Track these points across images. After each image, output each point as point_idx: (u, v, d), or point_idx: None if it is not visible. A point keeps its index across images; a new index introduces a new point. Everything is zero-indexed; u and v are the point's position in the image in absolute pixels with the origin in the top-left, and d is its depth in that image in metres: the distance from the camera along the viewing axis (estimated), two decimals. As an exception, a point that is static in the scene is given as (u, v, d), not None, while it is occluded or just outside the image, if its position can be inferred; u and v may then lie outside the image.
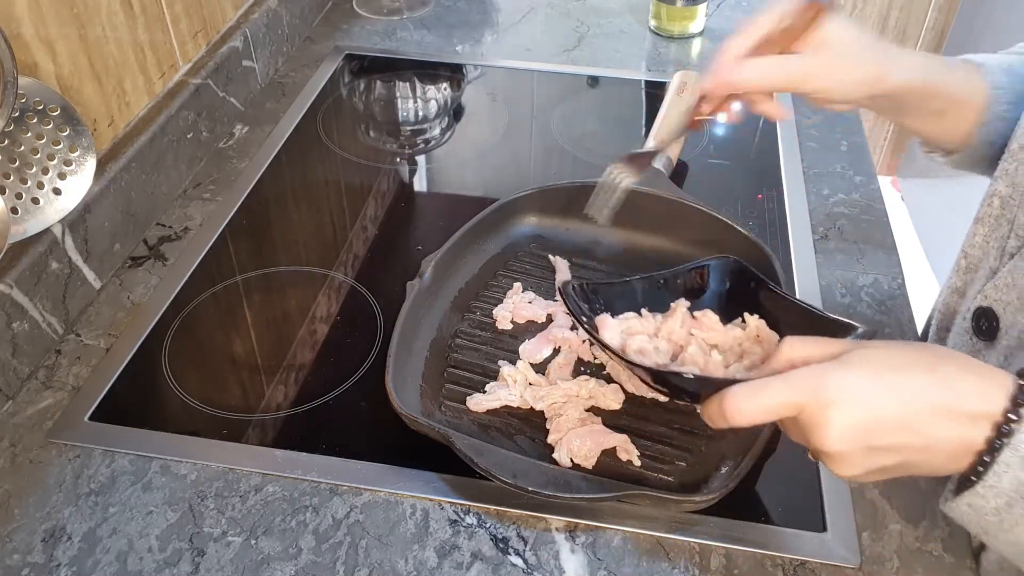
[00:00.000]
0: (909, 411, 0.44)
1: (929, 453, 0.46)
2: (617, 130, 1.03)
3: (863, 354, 0.46)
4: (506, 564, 0.58)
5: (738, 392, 0.47)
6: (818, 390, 0.45)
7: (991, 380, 0.45)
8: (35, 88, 0.68)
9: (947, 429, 0.44)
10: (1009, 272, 0.59)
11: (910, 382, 0.45)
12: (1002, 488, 0.44)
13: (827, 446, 0.45)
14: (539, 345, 0.70)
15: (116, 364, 0.70)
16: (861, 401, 0.44)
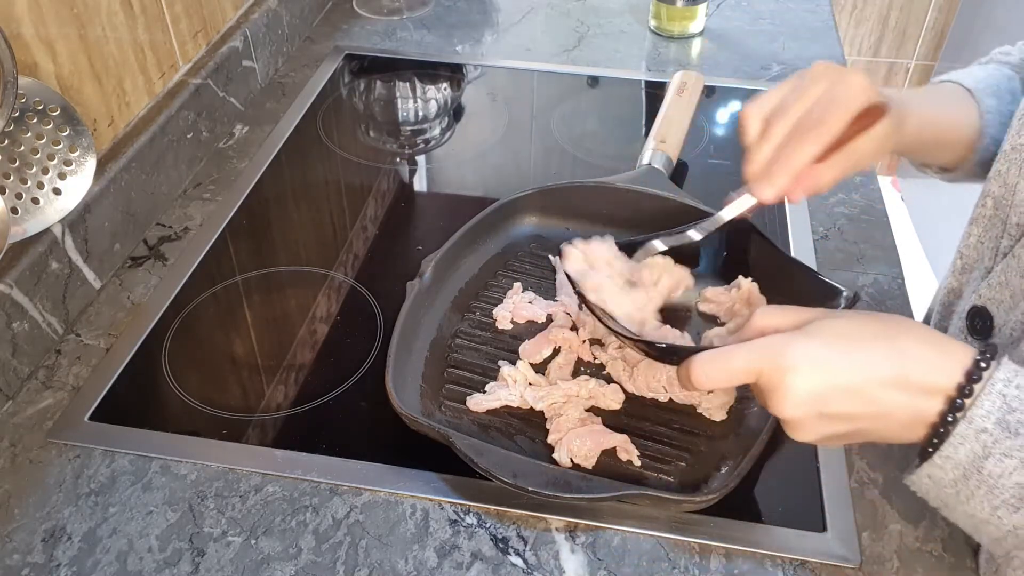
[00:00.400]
0: (861, 380, 0.46)
1: (882, 421, 0.47)
2: (617, 130, 1.03)
3: (825, 324, 0.48)
4: (506, 564, 0.58)
5: (703, 358, 0.50)
6: (776, 357, 0.47)
7: (949, 354, 0.47)
8: (35, 88, 0.68)
9: (899, 399, 0.46)
10: (1002, 271, 0.59)
11: (866, 352, 0.47)
12: (959, 460, 0.46)
13: (782, 411, 0.47)
14: (539, 345, 0.70)
15: (116, 364, 0.70)
16: (815, 368, 0.46)
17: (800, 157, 0.55)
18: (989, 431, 0.45)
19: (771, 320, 0.50)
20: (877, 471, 0.63)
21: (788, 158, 0.55)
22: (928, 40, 2.13)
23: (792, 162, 0.55)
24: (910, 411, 0.47)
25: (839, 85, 0.55)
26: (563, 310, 0.73)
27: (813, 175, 0.56)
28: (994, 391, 0.45)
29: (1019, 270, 0.58)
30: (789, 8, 1.26)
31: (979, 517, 0.47)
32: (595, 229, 0.80)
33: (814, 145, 0.54)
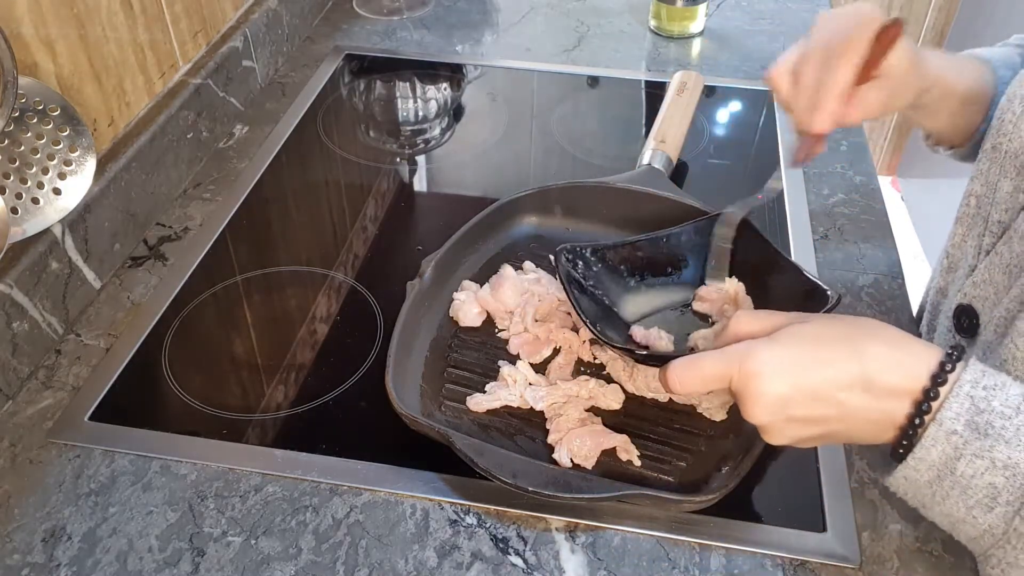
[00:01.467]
0: (825, 384, 0.47)
1: (849, 423, 0.48)
2: (617, 130, 1.03)
3: (793, 330, 0.49)
4: (506, 564, 0.58)
5: (678, 364, 0.52)
6: (743, 363, 0.48)
7: (913, 356, 0.47)
8: (35, 88, 0.68)
9: (863, 402, 0.47)
10: (986, 268, 0.60)
11: (828, 356, 0.48)
12: (931, 461, 0.47)
13: (752, 416, 0.49)
14: (539, 345, 0.70)
15: (116, 364, 0.70)
16: (779, 374, 0.47)
17: (840, 80, 0.56)
18: (959, 433, 0.45)
19: (746, 326, 0.52)
20: (877, 471, 0.63)
21: (829, 86, 0.56)
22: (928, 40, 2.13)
23: (835, 87, 0.56)
24: (876, 413, 0.47)
25: (848, 17, 0.57)
26: (564, 310, 0.73)
27: (859, 97, 0.57)
28: (962, 393, 0.46)
29: (1001, 267, 0.58)
30: (789, 8, 1.26)
31: (955, 516, 0.48)
32: (595, 229, 0.81)
33: (848, 66, 0.56)
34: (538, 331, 0.70)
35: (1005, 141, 0.59)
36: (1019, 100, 0.59)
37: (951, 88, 0.65)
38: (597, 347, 0.70)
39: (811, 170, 0.93)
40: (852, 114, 0.58)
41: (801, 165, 0.62)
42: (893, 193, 2.41)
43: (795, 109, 0.60)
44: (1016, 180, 0.58)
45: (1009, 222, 0.59)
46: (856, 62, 0.56)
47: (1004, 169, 0.59)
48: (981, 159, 0.62)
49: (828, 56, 0.57)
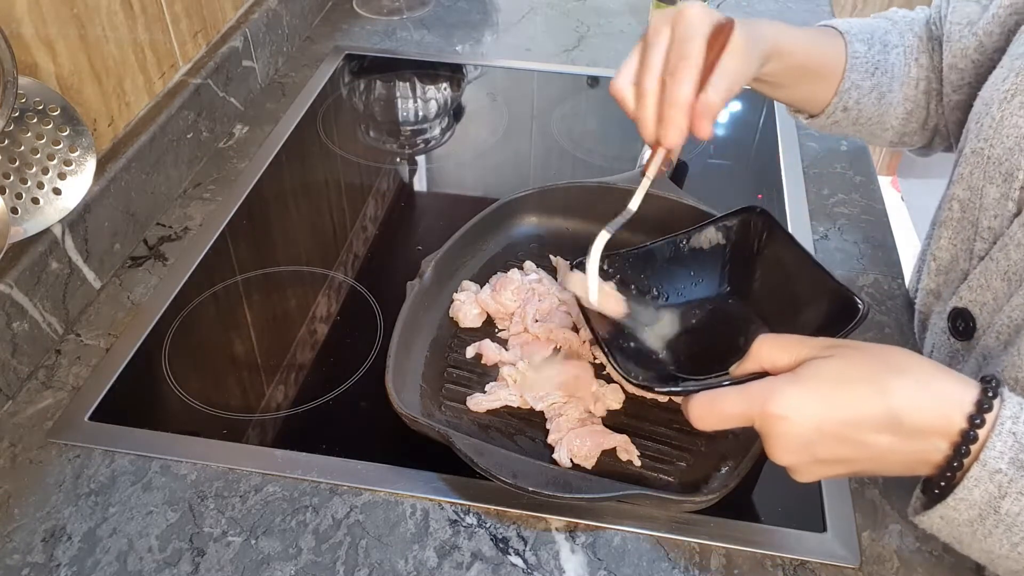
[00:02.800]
0: (851, 427, 0.46)
1: (878, 463, 0.47)
2: (617, 130, 1.03)
3: (816, 367, 0.47)
4: (506, 564, 0.58)
5: (699, 401, 0.50)
6: (766, 404, 0.47)
7: (946, 395, 0.46)
8: (35, 88, 0.68)
9: (893, 443, 0.46)
10: (981, 274, 0.60)
11: (855, 397, 0.46)
12: (973, 501, 0.45)
13: (777, 458, 0.48)
14: (539, 345, 0.70)
15: (116, 364, 0.70)
16: (804, 417, 0.46)
17: (683, 93, 0.55)
18: (1003, 471, 0.44)
19: (770, 355, 0.50)
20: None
21: (674, 99, 0.56)
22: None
23: (679, 101, 0.55)
24: (907, 454, 0.46)
25: (680, 23, 0.56)
26: (564, 310, 0.73)
27: (706, 106, 0.56)
28: (1004, 430, 0.44)
29: (999, 273, 0.58)
30: (789, 8, 1.26)
31: (997, 553, 0.47)
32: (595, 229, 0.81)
33: (689, 79, 0.55)
34: (538, 331, 0.70)
35: (987, 147, 0.59)
36: (997, 104, 0.59)
37: (790, 61, 0.66)
38: (598, 347, 0.70)
39: (811, 170, 0.93)
40: (703, 126, 0.56)
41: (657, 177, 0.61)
42: (893, 193, 2.41)
43: (643, 124, 0.58)
44: (1003, 187, 0.58)
45: (1001, 229, 0.59)
46: (696, 73, 0.55)
47: (989, 175, 0.59)
48: (961, 163, 0.62)
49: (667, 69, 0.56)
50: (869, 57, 0.70)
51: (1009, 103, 0.58)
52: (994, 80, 0.61)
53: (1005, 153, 0.58)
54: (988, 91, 0.62)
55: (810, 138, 0.98)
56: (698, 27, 0.55)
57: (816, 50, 0.69)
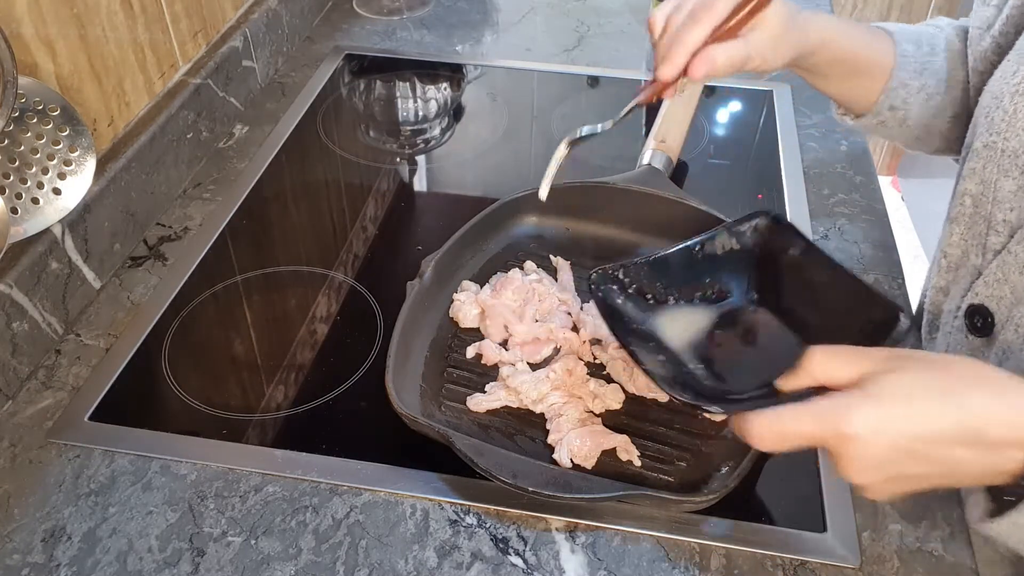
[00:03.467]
0: (928, 444, 0.45)
1: (952, 476, 0.46)
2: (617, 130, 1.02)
3: (887, 381, 0.46)
4: (506, 564, 0.58)
5: (762, 421, 0.47)
6: (839, 425, 0.45)
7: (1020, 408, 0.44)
8: (35, 88, 0.68)
9: (969, 456, 0.45)
10: (998, 268, 0.60)
11: (931, 412, 0.45)
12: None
13: (850, 478, 0.46)
14: (539, 345, 0.70)
15: (116, 364, 0.70)
16: (880, 436, 0.44)
17: (692, 37, 0.59)
18: None
19: (826, 368, 0.48)
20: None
21: (682, 39, 0.60)
22: (928, 40, 2.13)
23: (685, 42, 0.59)
24: (983, 466, 0.45)
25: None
26: (564, 310, 0.73)
27: (707, 54, 0.60)
28: None
29: (1017, 267, 0.58)
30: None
31: None
32: (595, 229, 0.81)
33: (703, 26, 0.59)
34: (538, 331, 0.70)
35: (1000, 140, 0.59)
36: (1008, 97, 0.59)
37: (838, 54, 0.67)
38: (597, 347, 0.70)
39: (811, 170, 0.93)
40: (697, 69, 0.60)
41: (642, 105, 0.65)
42: (893, 193, 2.41)
43: (656, 53, 0.62)
44: (1020, 179, 0.58)
45: (1018, 222, 0.58)
46: (711, 24, 0.59)
47: (1004, 168, 0.59)
48: (972, 158, 0.62)
49: (693, 11, 0.60)
50: (918, 57, 0.70)
51: (1023, 96, 0.58)
52: (1003, 73, 0.61)
53: (1021, 146, 0.58)
54: (997, 84, 0.61)
55: (810, 138, 0.98)
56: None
57: (865, 46, 0.69)
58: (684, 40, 0.59)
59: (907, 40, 0.71)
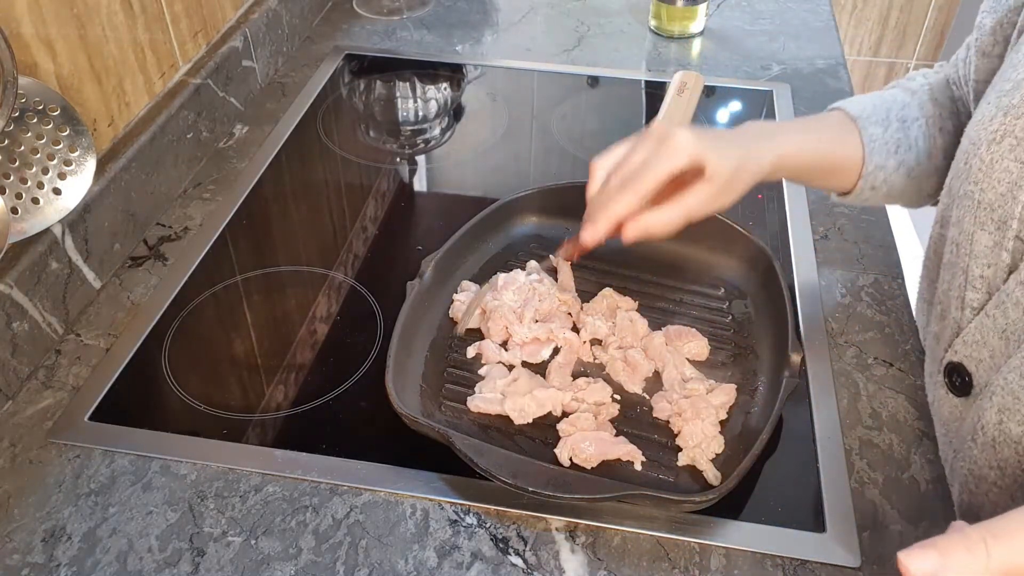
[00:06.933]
0: None
1: None
2: (617, 130, 1.03)
3: None
4: (506, 564, 0.58)
5: None
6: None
7: None
8: (35, 88, 0.68)
9: None
10: (977, 329, 0.58)
11: None
12: None
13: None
14: (539, 345, 0.70)
15: (116, 364, 0.70)
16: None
17: (617, 207, 0.60)
18: None
19: None
20: (877, 471, 0.63)
21: (607, 207, 0.60)
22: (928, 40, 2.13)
23: (610, 211, 0.60)
24: None
25: (662, 146, 0.59)
26: (564, 310, 0.73)
27: (640, 223, 0.60)
28: None
29: (996, 331, 0.56)
30: (789, 8, 1.26)
31: None
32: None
33: (630, 198, 0.59)
34: (538, 331, 0.70)
35: (977, 191, 0.57)
36: (985, 145, 0.57)
37: (801, 166, 0.66)
38: (597, 347, 0.70)
39: (811, 170, 0.93)
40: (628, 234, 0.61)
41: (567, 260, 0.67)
42: (893, 193, 2.41)
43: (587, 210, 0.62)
44: (996, 235, 0.56)
45: (995, 280, 0.56)
46: (639, 197, 0.59)
47: (980, 221, 0.57)
48: (952, 206, 0.60)
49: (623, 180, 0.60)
50: (887, 138, 0.68)
51: (999, 144, 0.56)
52: (980, 118, 0.59)
53: (997, 199, 0.55)
54: (975, 129, 0.59)
55: (810, 138, 0.98)
56: (671, 159, 0.59)
57: (829, 148, 0.68)
58: (608, 211, 0.60)
59: (873, 123, 0.68)
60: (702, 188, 0.60)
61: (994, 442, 0.55)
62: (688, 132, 0.59)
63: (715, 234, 0.76)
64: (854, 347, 0.73)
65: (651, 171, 0.59)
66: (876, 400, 0.68)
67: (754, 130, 0.65)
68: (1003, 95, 0.58)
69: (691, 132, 0.59)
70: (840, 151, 0.68)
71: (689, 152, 0.58)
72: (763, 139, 0.64)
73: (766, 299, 0.72)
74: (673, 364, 0.68)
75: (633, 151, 0.61)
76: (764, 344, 0.70)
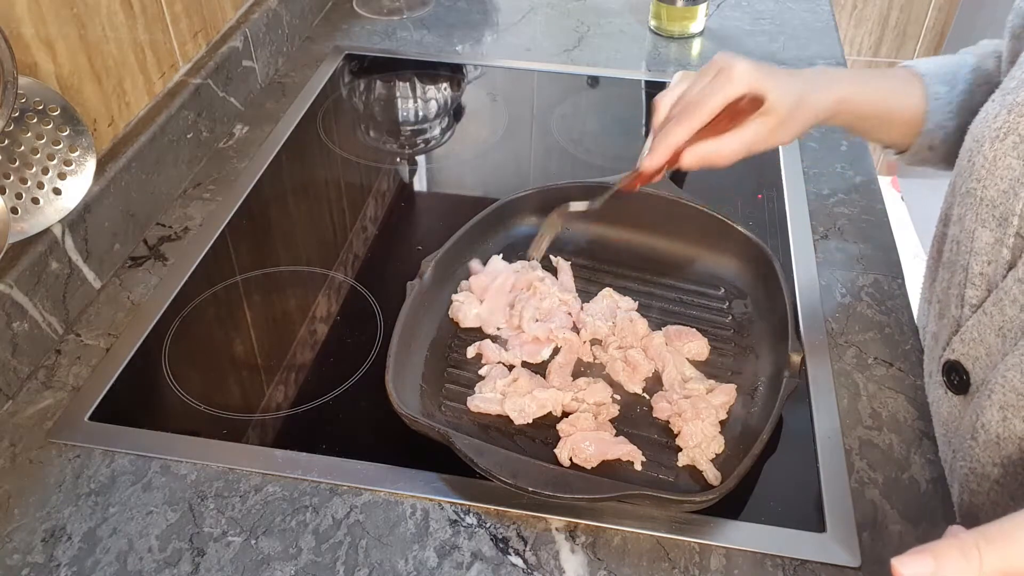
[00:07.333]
0: None
1: None
2: (617, 130, 1.03)
3: None
4: (506, 564, 0.58)
5: None
6: None
7: None
8: (35, 88, 0.68)
9: None
10: (975, 327, 0.58)
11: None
12: None
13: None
14: (539, 345, 0.70)
15: (116, 364, 0.70)
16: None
17: (675, 136, 0.61)
18: None
19: None
20: (877, 471, 0.63)
21: (665, 136, 0.62)
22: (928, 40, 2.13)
23: (669, 139, 0.61)
24: None
25: (721, 75, 0.61)
26: (564, 310, 0.73)
27: (697, 150, 0.62)
28: None
29: (993, 328, 0.56)
30: (789, 8, 1.26)
31: None
32: (595, 229, 0.81)
33: (685, 126, 0.61)
34: (538, 331, 0.70)
35: (979, 187, 0.57)
36: (989, 142, 0.57)
37: (859, 112, 0.67)
38: (598, 347, 0.70)
39: (811, 170, 0.93)
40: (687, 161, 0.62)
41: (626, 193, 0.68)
42: (893, 193, 2.41)
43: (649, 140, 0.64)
44: (997, 232, 0.56)
45: (995, 277, 0.56)
46: (694, 126, 0.61)
47: (981, 218, 0.57)
48: (955, 204, 0.60)
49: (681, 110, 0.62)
50: (951, 98, 0.68)
51: (1002, 142, 0.56)
52: (985, 115, 0.59)
53: (999, 196, 0.55)
54: (979, 127, 0.59)
55: (810, 138, 0.98)
56: (729, 89, 0.60)
57: (891, 99, 0.68)
58: (666, 140, 0.61)
59: (939, 81, 0.69)
60: (761, 121, 0.61)
61: (998, 439, 0.55)
62: (748, 63, 0.60)
63: (715, 234, 0.76)
64: (854, 347, 0.73)
65: (708, 99, 0.60)
66: (876, 400, 0.68)
67: (816, 71, 0.66)
68: (1008, 92, 0.58)
69: (751, 64, 0.60)
70: (902, 104, 0.68)
71: (747, 82, 0.60)
72: (825, 80, 0.65)
73: (766, 299, 0.72)
74: (673, 364, 0.68)
75: (694, 81, 0.62)
76: (764, 344, 0.70)
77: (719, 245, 0.77)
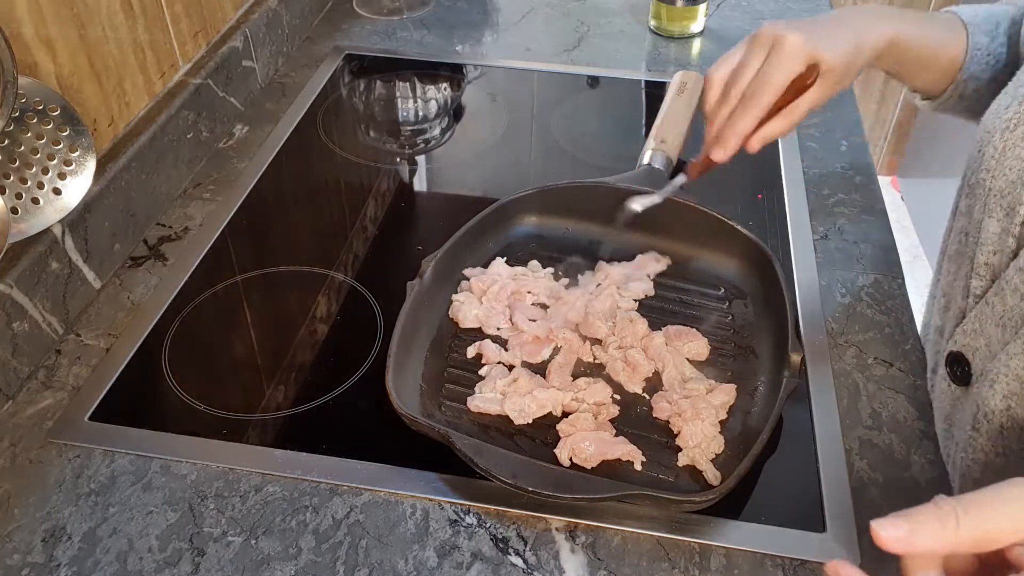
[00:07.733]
0: None
1: None
2: (617, 130, 1.03)
3: None
4: (506, 564, 0.58)
5: None
6: None
7: None
8: (35, 88, 0.68)
9: None
10: (976, 317, 0.58)
11: None
12: None
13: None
14: (539, 345, 0.70)
15: (116, 364, 0.70)
16: None
17: (744, 125, 0.62)
18: None
19: None
20: (877, 471, 0.63)
21: (734, 125, 0.62)
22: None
23: (738, 129, 0.63)
24: None
25: (776, 53, 0.61)
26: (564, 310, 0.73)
27: (765, 131, 0.63)
28: None
29: (994, 318, 0.56)
30: (789, 8, 1.26)
31: None
32: (595, 229, 0.81)
33: (754, 115, 0.62)
34: (538, 331, 0.70)
35: (988, 178, 0.57)
36: (999, 133, 0.57)
37: (906, 56, 0.67)
38: (598, 347, 0.70)
39: (811, 170, 0.93)
40: (754, 146, 0.64)
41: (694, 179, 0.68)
42: (893, 193, 2.41)
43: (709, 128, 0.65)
44: (1004, 221, 0.56)
45: (999, 266, 0.56)
46: (762, 112, 0.61)
47: (989, 208, 0.57)
48: (963, 195, 0.61)
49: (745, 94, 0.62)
50: (992, 49, 0.68)
51: (1012, 132, 0.56)
52: (996, 108, 0.59)
53: (1008, 186, 0.56)
54: (990, 119, 0.60)
55: (810, 138, 0.98)
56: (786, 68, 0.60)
57: (937, 44, 0.69)
58: (736, 129, 0.62)
59: (981, 32, 0.69)
60: (820, 84, 0.62)
61: (1001, 428, 0.55)
62: (797, 33, 0.60)
63: (715, 234, 0.76)
64: (854, 347, 0.73)
65: (771, 82, 0.60)
66: (876, 400, 0.68)
67: (858, 10, 0.66)
68: (1020, 84, 0.59)
69: (799, 31, 0.60)
70: (945, 50, 0.69)
71: (803, 55, 0.60)
72: (873, 21, 0.65)
73: (766, 299, 0.72)
74: (673, 364, 0.68)
75: (746, 59, 0.62)
76: (764, 344, 0.70)
77: (719, 245, 0.77)
